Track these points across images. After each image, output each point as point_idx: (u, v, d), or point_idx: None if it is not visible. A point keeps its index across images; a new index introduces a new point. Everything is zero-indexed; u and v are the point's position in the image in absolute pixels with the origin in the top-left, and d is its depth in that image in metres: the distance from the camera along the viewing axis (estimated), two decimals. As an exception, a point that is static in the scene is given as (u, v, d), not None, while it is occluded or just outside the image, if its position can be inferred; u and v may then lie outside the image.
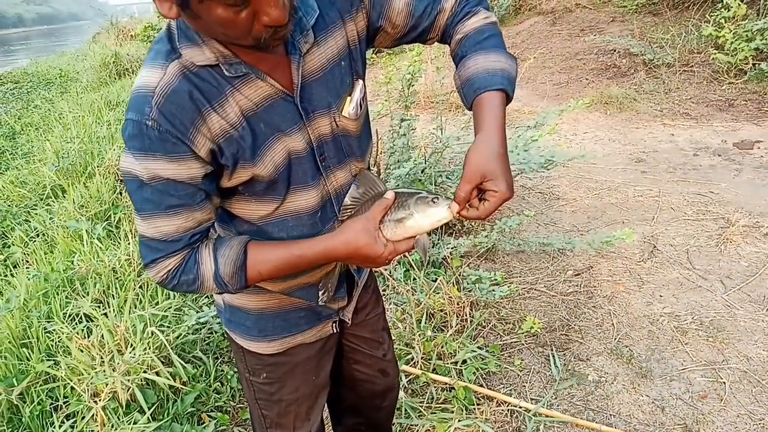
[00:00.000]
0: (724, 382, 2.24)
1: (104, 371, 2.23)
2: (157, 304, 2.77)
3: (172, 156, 0.89)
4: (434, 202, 1.00)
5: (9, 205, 4.95)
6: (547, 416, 2.14)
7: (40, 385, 2.34)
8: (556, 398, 2.25)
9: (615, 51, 6.45)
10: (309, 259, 1.02)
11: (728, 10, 5.41)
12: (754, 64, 5.29)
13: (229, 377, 2.43)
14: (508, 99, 1.02)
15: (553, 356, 2.44)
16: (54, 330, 2.62)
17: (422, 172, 3.17)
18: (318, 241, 1.02)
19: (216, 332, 2.63)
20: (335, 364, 1.48)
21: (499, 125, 0.99)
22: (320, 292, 1.19)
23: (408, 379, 2.33)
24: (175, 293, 2.82)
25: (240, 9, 0.79)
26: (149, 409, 2.15)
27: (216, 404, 2.33)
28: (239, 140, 0.94)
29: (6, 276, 3.51)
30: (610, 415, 2.15)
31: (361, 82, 1.08)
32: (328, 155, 1.06)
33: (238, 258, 0.99)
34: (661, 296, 2.78)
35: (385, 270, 2.92)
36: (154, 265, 0.98)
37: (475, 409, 2.19)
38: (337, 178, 1.09)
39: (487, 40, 1.06)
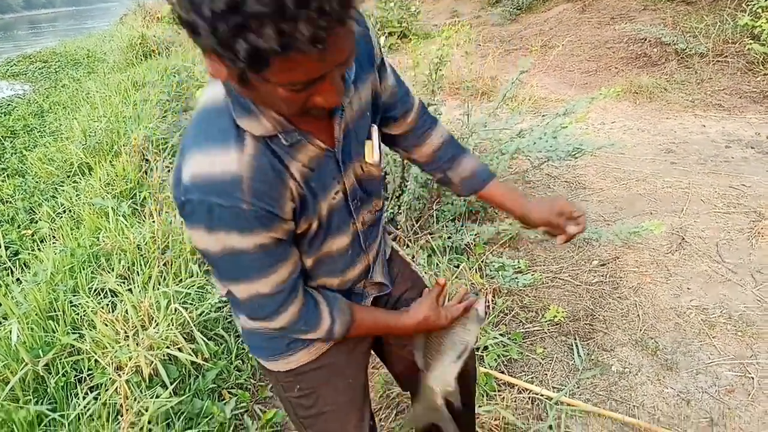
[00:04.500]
0: (752, 377, 2.19)
1: (128, 345, 2.26)
2: (180, 281, 2.80)
3: (269, 227, 0.92)
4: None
5: (37, 182, 5.04)
6: (569, 405, 2.11)
7: (65, 357, 2.38)
8: (578, 387, 2.23)
9: (646, 40, 6.30)
10: (391, 329, 1.25)
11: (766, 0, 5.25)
12: (791, 55, 5.13)
13: (249, 356, 2.44)
14: None
15: (577, 345, 2.41)
16: (79, 304, 2.66)
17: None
18: (401, 318, 1.23)
19: (238, 311, 2.65)
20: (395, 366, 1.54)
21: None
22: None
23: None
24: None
25: (300, 91, 0.77)
26: (171, 383, 2.18)
27: (237, 381, 2.35)
28: (304, 201, 0.97)
29: (34, 250, 3.58)
30: (634, 406, 2.12)
31: (375, 126, 1.11)
32: (357, 198, 1.10)
33: (348, 321, 1.12)
34: (688, 289, 2.72)
35: (408, 255, 2.90)
36: (276, 316, 1.02)
37: (496, 395, 2.17)
38: (364, 217, 1.15)
39: (460, 146, 1.34)
